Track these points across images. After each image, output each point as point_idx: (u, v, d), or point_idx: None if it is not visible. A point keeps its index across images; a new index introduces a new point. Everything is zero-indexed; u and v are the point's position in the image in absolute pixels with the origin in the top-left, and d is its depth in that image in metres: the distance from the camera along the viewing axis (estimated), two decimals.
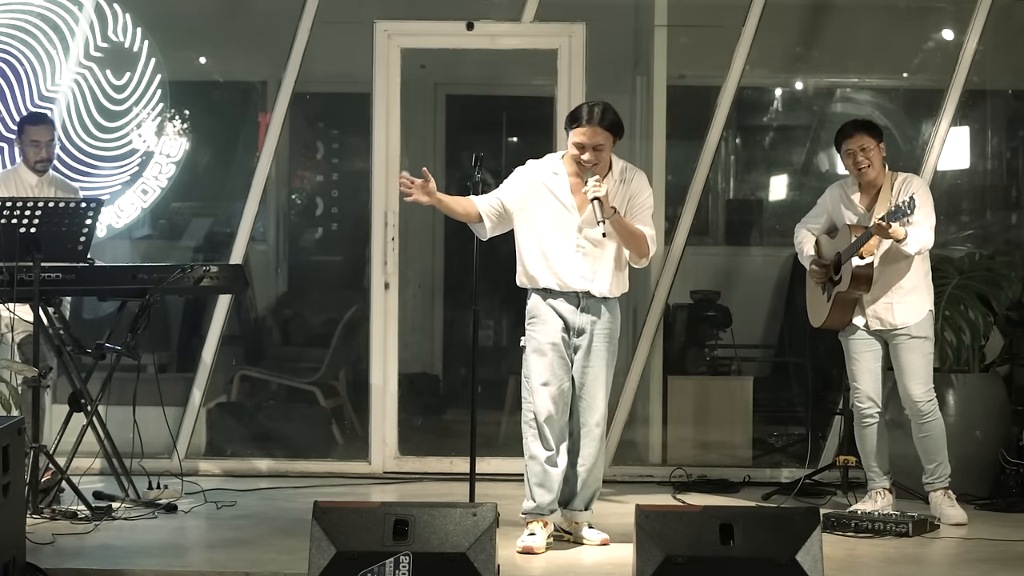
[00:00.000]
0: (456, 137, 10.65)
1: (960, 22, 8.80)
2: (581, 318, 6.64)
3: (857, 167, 7.25)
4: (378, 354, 8.68)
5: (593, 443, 6.70)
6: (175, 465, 7.90)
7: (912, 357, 7.26)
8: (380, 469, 8.64)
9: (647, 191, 6.74)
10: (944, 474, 7.33)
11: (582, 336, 6.65)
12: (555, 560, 6.50)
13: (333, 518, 5.52)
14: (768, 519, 5.63)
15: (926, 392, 7.27)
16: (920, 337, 7.27)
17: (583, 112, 6.59)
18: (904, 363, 7.27)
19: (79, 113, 8.84)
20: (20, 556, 5.85)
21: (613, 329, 6.70)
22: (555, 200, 6.65)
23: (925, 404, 7.27)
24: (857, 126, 7.31)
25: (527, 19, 8.74)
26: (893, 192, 7.22)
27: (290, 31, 8.77)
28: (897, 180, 7.29)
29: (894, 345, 7.29)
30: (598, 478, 6.79)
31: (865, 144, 7.23)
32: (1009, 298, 8.23)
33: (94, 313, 8.84)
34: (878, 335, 7.30)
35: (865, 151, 7.22)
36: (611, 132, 6.57)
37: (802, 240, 7.51)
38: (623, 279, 6.74)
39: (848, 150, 7.27)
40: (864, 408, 7.34)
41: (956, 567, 6.54)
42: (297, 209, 10.68)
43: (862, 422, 7.36)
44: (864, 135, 7.25)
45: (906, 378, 7.28)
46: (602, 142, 6.55)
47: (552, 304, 6.65)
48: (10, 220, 7.10)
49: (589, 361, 6.65)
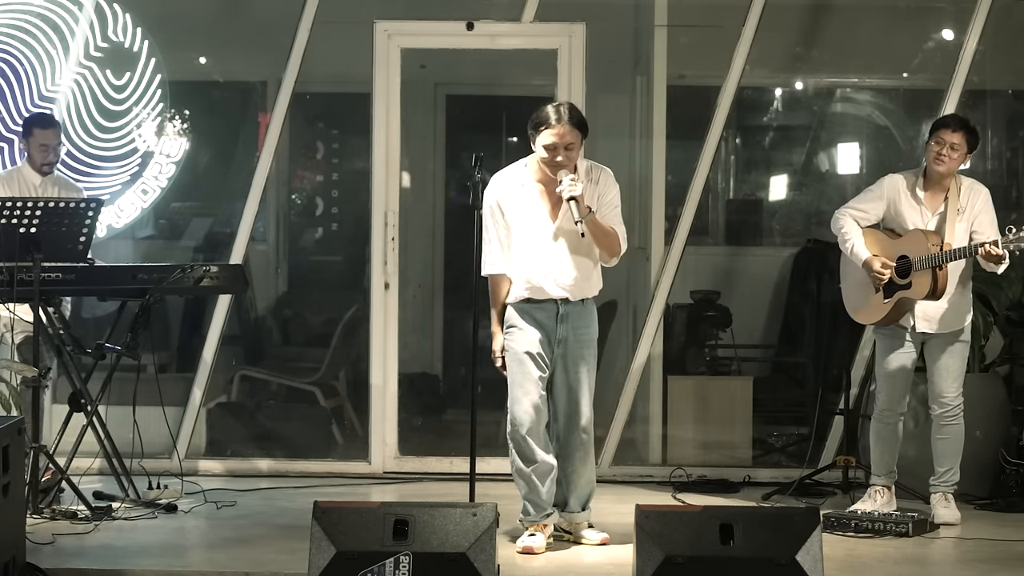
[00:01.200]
0: (456, 137, 10.65)
1: (960, 22, 8.79)
2: (561, 326, 6.62)
3: (938, 157, 7.14)
4: (378, 354, 8.68)
5: (581, 448, 6.71)
6: (175, 465, 7.89)
7: (951, 360, 7.24)
8: (380, 469, 8.64)
9: (615, 188, 6.71)
10: (952, 480, 7.32)
11: (562, 343, 6.63)
12: (555, 560, 6.50)
13: (333, 518, 5.53)
14: (768, 519, 5.63)
15: (956, 396, 7.26)
16: (964, 341, 7.26)
17: (550, 113, 6.52)
18: (942, 364, 7.24)
19: (79, 113, 8.84)
20: (20, 556, 5.86)
21: (592, 332, 6.71)
22: (528, 212, 6.63)
23: (953, 408, 7.25)
24: (961, 124, 7.21)
25: (527, 19, 8.74)
26: (960, 199, 7.16)
27: (290, 31, 8.77)
28: (963, 185, 7.23)
29: (935, 344, 7.25)
30: (591, 480, 6.79)
31: (958, 143, 7.14)
32: (1009, 298, 8.23)
33: (93, 313, 8.84)
34: (920, 336, 7.27)
35: (954, 149, 7.14)
36: (580, 130, 6.54)
37: (849, 230, 7.27)
38: (598, 279, 6.74)
39: (940, 139, 7.14)
40: (888, 409, 7.30)
41: (956, 567, 6.54)
42: (297, 209, 10.69)
43: (885, 422, 7.32)
44: (963, 135, 7.16)
45: (940, 379, 7.25)
46: (572, 141, 6.52)
47: (530, 312, 6.62)
48: (10, 220, 7.10)
49: (570, 367, 6.65)
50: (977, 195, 7.23)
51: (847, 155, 10.19)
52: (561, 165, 6.51)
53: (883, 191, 7.32)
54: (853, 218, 7.31)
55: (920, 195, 7.25)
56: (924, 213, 7.23)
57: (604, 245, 6.62)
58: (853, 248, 7.25)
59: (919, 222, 7.21)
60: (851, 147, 10.17)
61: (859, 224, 7.29)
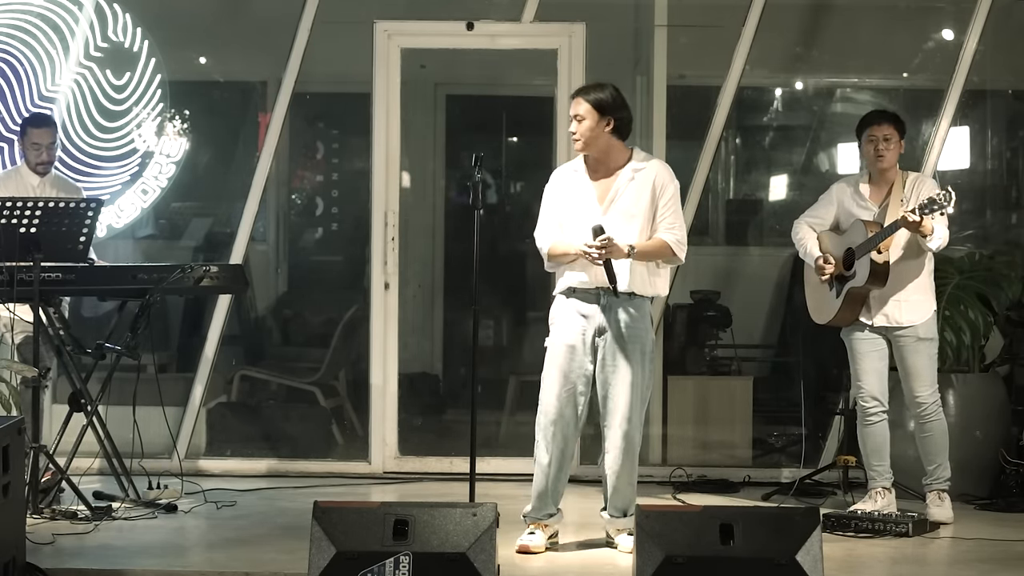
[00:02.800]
0: (456, 137, 10.66)
1: (960, 22, 8.80)
2: (602, 317, 6.53)
3: (877, 154, 7.24)
4: (378, 354, 8.68)
5: (616, 446, 6.55)
6: (175, 465, 7.89)
7: (918, 359, 7.27)
8: (380, 469, 8.64)
9: (671, 187, 6.56)
10: (942, 476, 7.33)
11: (604, 335, 6.54)
12: (555, 560, 6.50)
13: (333, 518, 5.52)
14: (768, 519, 5.64)
15: (931, 393, 7.29)
16: (927, 339, 7.28)
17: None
18: (910, 364, 7.28)
19: (79, 113, 8.84)
20: (20, 556, 5.85)
21: (640, 328, 6.55)
22: (576, 198, 6.58)
23: (929, 405, 7.28)
24: (885, 116, 7.35)
25: (527, 19, 8.74)
26: (905, 190, 7.23)
27: (290, 31, 8.77)
28: (908, 179, 7.31)
29: (900, 346, 7.29)
30: (629, 483, 6.63)
31: (889, 134, 7.26)
32: (1009, 298, 8.23)
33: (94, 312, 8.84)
34: (883, 332, 7.30)
35: (888, 141, 7.25)
36: (593, 107, 6.50)
37: (804, 236, 7.46)
38: (653, 279, 6.59)
39: (871, 136, 7.28)
40: (869, 407, 7.33)
41: (956, 567, 6.54)
42: (297, 209, 10.69)
43: (866, 420, 7.35)
44: (891, 125, 7.28)
45: (912, 380, 7.28)
46: (582, 114, 6.50)
47: (573, 303, 6.57)
48: (10, 220, 7.09)
49: (608, 360, 6.53)
50: (922, 184, 7.31)
51: (847, 155, 10.18)
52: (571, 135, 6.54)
53: (832, 196, 7.49)
54: (808, 225, 7.49)
55: (864, 191, 7.36)
56: (869, 207, 7.33)
57: (660, 259, 6.56)
58: (806, 250, 7.45)
59: (865, 216, 7.28)
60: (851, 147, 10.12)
61: (814, 229, 7.44)
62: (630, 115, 6.61)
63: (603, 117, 6.50)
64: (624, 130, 6.57)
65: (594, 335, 6.54)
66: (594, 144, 6.53)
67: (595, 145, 6.53)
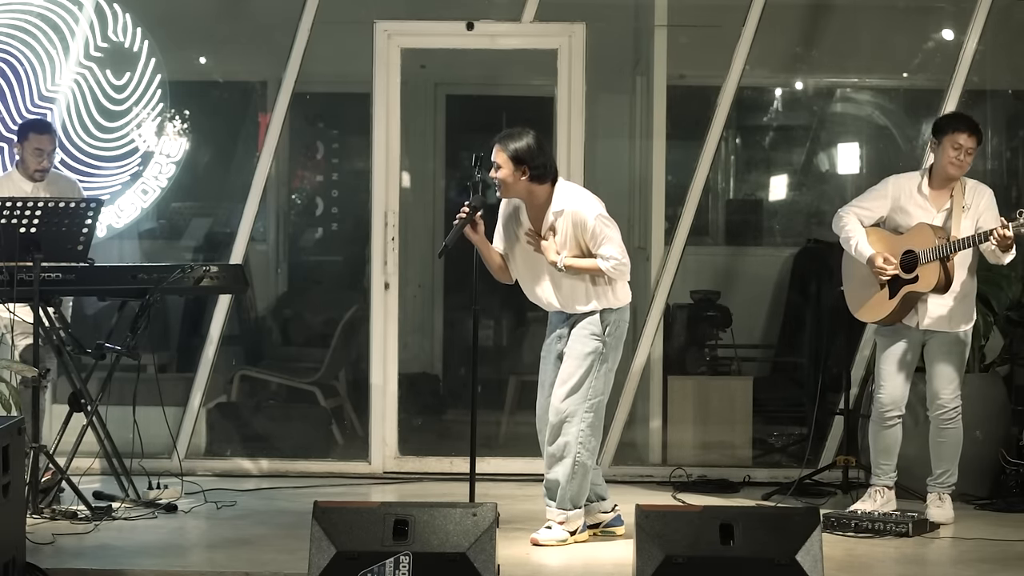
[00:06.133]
0: (456, 137, 10.65)
1: (960, 22, 8.80)
2: (562, 327, 6.81)
3: (957, 162, 7.15)
4: (378, 354, 8.68)
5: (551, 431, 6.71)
6: (175, 465, 7.89)
7: (951, 359, 7.22)
8: (380, 469, 8.64)
9: (589, 224, 6.65)
10: (948, 482, 7.32)
11: (563, 340, 6.79)
12: (555, 560, 6.50)
13: (333, 518, 5.53)
14: (768, 519, 5.64)
15: (954, 398, 7.25)
16: (963, 343, 7.26)
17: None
18: (942, 365, 7.23)
19: (79, 113, 8.84)
20: (20, 556, 5.85)
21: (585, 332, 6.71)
22: (515, 230, 6.80)
23: (950, 410, 7.25)
24: (974, 128, 7.21)
25: (527, 19, 8.74)
26: (966, 198, 7.17)
27: (290, 31, 8.77)
28: (968, 185, 7.23)
29: (937, 345, 7.23)
30: (555, 474, 6.71)
31: (973, 148, 7.17)
32: (1009, 298, 8.23)
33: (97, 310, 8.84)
34: (923, 334, 7.23)
35: (969, 153, 7.17)
36: (510, 159, 6.62)
37: (853, 229, 7.25)
38: (594, 295, 6.72)
39: (957, 144, 7.14)
40: (887, 411, 7.27)
41: (956, 567, 6.54)
42: (297, 209, 10.68)
43: (883, 424, 7.30)
44: (977, 139, 7.19)
45: (939, 380, 7.24)
46: (499, 163, 6.66)
47: (551, 315, 6.89)
48: (10, 220, 7.10)
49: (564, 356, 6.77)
50: (982, 194, 7.24)
51: (847, 155, 10.19)
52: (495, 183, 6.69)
53: (888, 190, 7.32)
54: (857, 216, 7.31)
55: (926, 192, 7.25)
56: (930, 210, 7.22)
57: (589, 275, 6.70)
58: (857, 246, 7.24)
59: (925, 219, 7.20)
60: (851, 147, 10.18)
61: (863, 223, 7.30)
62: (547, 161, 6.70)
63: (518, 167, 6.64)
64: (543, 177, 6.68)
65: (561, 347, 6.79)
66: (512, 190, 6.71)
67: (513, 191, 6.71)
